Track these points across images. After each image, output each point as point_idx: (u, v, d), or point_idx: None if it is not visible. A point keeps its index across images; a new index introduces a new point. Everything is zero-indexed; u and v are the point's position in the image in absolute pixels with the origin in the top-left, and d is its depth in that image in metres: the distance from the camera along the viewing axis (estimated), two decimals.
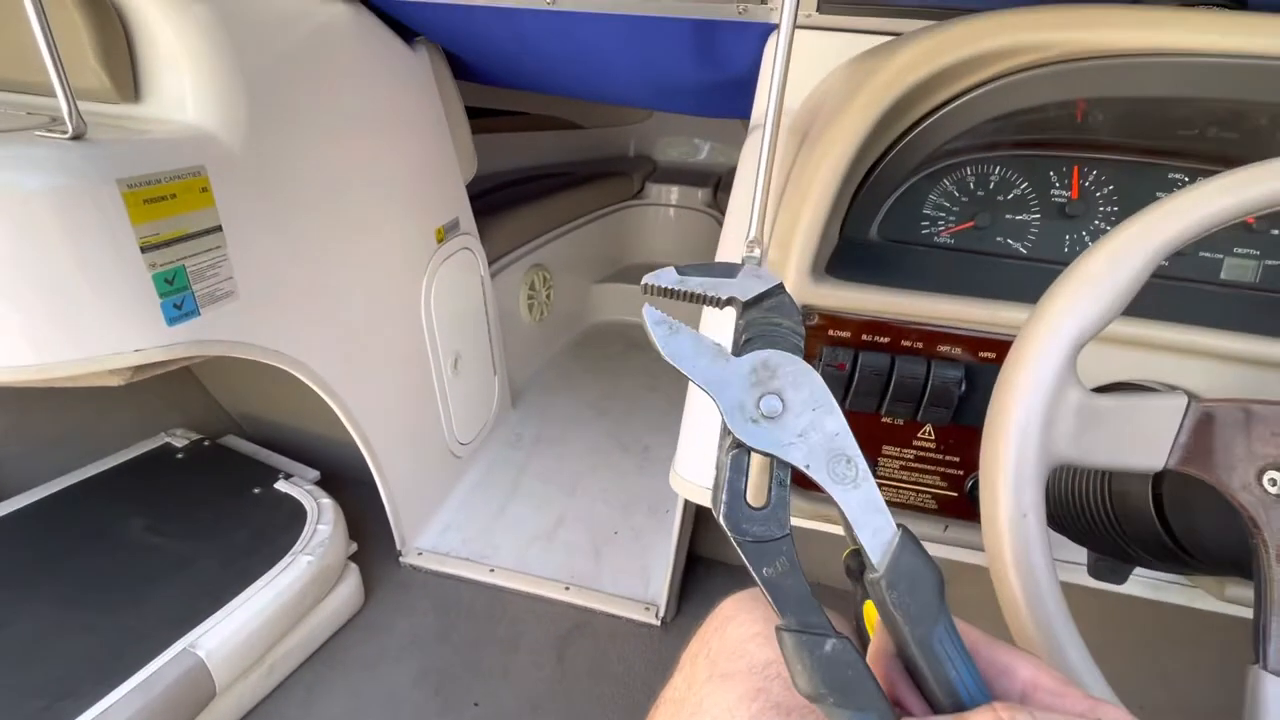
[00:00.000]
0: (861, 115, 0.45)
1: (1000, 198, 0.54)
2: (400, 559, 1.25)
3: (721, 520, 0.23)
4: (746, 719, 0.31)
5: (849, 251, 0.52)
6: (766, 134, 0.46)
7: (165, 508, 1.06)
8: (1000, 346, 0.45)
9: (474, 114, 1.41)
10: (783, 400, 0.24)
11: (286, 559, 0.99)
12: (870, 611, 0.32)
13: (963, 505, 0.49)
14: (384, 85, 1.08)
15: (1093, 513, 0.40)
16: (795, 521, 0.57)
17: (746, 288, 0.26)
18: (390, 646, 1.10)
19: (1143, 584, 0.52)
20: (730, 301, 0.27)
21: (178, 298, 0.70)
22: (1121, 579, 0.46)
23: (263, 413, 1.43)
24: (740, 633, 0.38)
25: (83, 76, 0.69)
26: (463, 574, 1.23)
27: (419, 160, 1.20)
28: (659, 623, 1.15)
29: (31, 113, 0.71)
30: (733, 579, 1.27)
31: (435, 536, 1.31)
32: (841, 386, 0.46)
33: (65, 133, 0.62)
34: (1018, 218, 0.54)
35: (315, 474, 1.22)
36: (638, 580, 1.23)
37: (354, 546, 1.17)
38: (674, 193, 2.39)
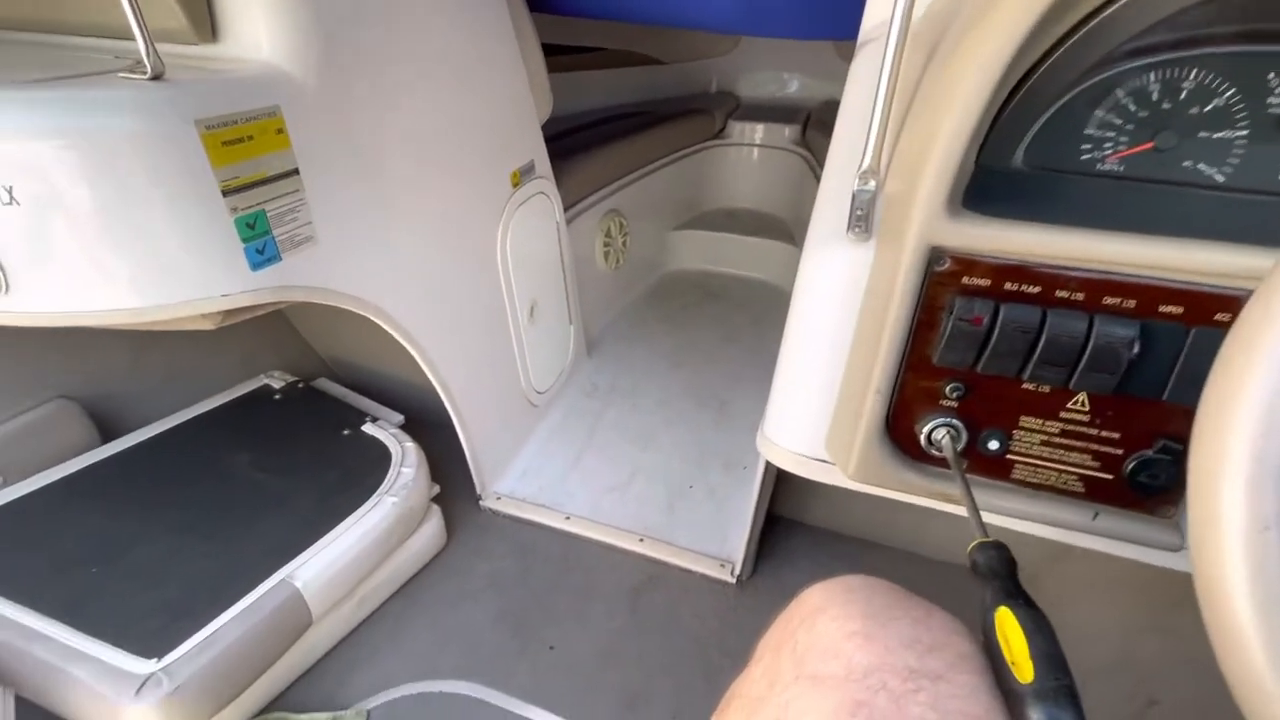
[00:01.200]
0: (1024, 5, 0.36)
1: (1193, 110, 0.43)
2: (480, 503, 1.28)
3: None
4: None
5: (987, 182, 0.43)
6: (892, 39, 0.38)
7: (265, 445, 1.12)
8: (1190, 299, 0.36)
9: (549, 51, 1.34)
10: None
11: (373, 499, 1.02)
12: (1003, 619, 0.26)
13: (1119, 490, 0.41)
14: (459, 21, 1.03)
15: None
16: (908, 498, 0.51)
17: None
18: (470, 587, 1.13)
19: None
20: None
21: (259, 243, 0.70)
22: None
23: (351, 357, 1.48)
24: (834, 629, 0.32)
25: (161, 17, 0.68)
26: (539, 520, 1.25)
27: (494, 100, 1.15)
28: (734, 580, 1.13)
29: (119, 57, 0.72)
30: (813, 541, 1.22)
31: (513, 482, 1.33)
32: (975, 346, 0.39)
33: (145, 74, 0.61)
34: (1216, 136, 0.42)
35: (400, 418, 1.25)
36: (713, 536, 1.20)
37: (436, 489, 1.20)
38: (759, 131, 2.23)
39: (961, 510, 0.43)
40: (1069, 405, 0.40)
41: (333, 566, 0.92)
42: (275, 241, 0.72)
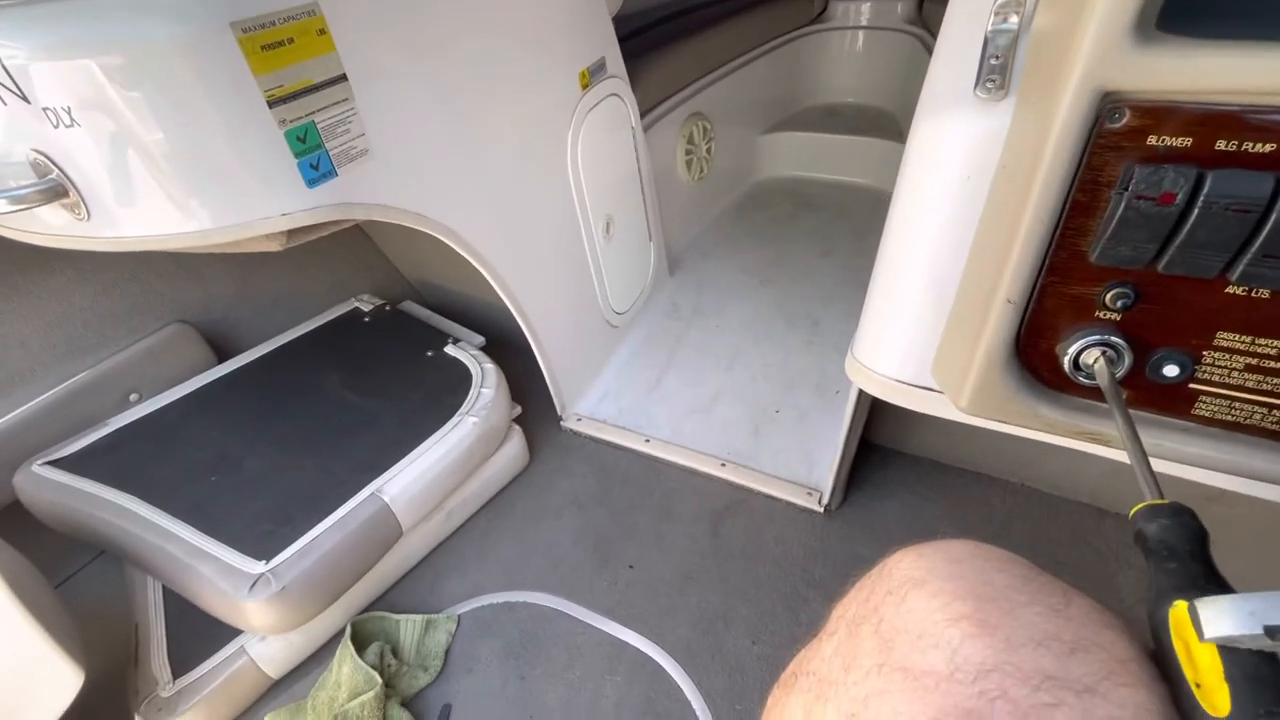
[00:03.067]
0: None
1: None
2: (561, 423, 1.28)
3: None
4: None
5: (1189, 2, 0.30)
6: None
7: (354, 367, 1.16)
8: None
9: None
10: None
11: (455, 418, 1.04)
12: (1184, 620, 0.18)
13: None
14: None
15: None
16: (1043, 436, 0.41)
17: None
18: (552, 504, 1.15)
19: None
20: None
21: (313, 157, 0.67)
22: None
23: (434, 279, 1.49)
24: (934, 609, 0.24)
25: None
26: (619, 442, 1.23)
27: None
28: (822, 509, 1.07)
29: None
30: (911, 470, 1.12)
31: (593, 404, 1.32)
32: (1160, 235, 0.28)
33: None
34: None
35: (481, 339, 1.26)
36: (800, 463, 1.14)
37: (518, 409, 1.21)
38: (865, 10, 1.95)
39: (1112, 452, 0.34)
40: None
41: (418, 482, 0.95)
42: (329, 156, 0.69)
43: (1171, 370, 0.31)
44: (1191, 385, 0.31)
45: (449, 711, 0.88)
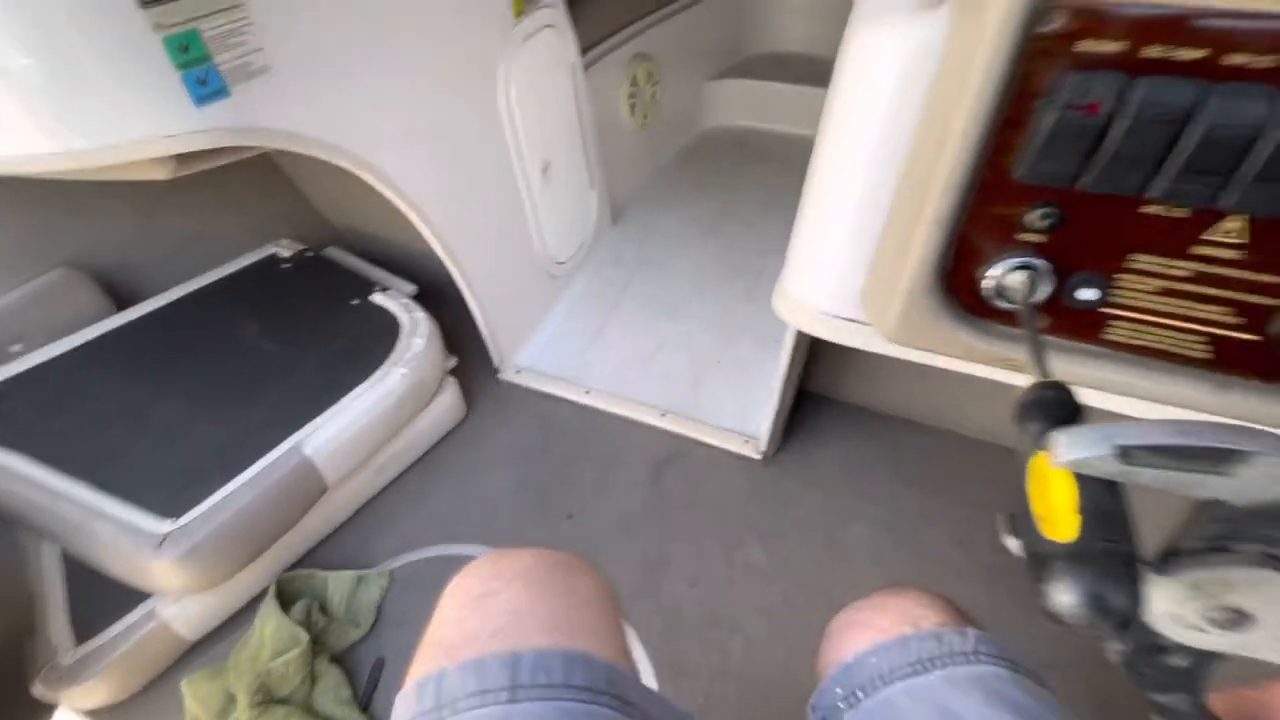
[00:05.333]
0: None
1: None
2: (498, 375, 1.25)
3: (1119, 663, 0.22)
4: None
5: None
6: None
7: (272, 315, 1.08)
8: None
9: None
10: (1248, 615, 0.19)
11: (382, 369, 0.99)
12: (1043, 465, 0.19)
13: (1262, 356, 0.30)
14: None
15: None
16: (964, 366, 0.41)
17: (1252, 488, 0.17)
18: (490, 457, 1.12)
19: None
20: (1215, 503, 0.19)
21: (199, 70, 0.60)
22: None
23: (362, 224, 1.40)
24: (907, 603, 0.44)
25: None
26: (559, 393, 1.21)
27: None
28: (760, 457, 1.08)
29: None
30: (846, 418, 1.14)
31: (533, 355, 1.28)
32: (1086, 147, 0.27)
33: None
34: None
35: (412, 288, 1.19)
36: (738, 412, 1.14)
37: (453, 361, 1.16)
38: None
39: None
40: (1211, 235, 0.28)
41: (342, 435, 0.91)
42: (219, 71, 0.62)
43: (1087, 294, 0.31)
44: (1104, 309, 0.31)
45: (382, 665, 0.86)
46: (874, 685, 0.37)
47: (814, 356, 1.13)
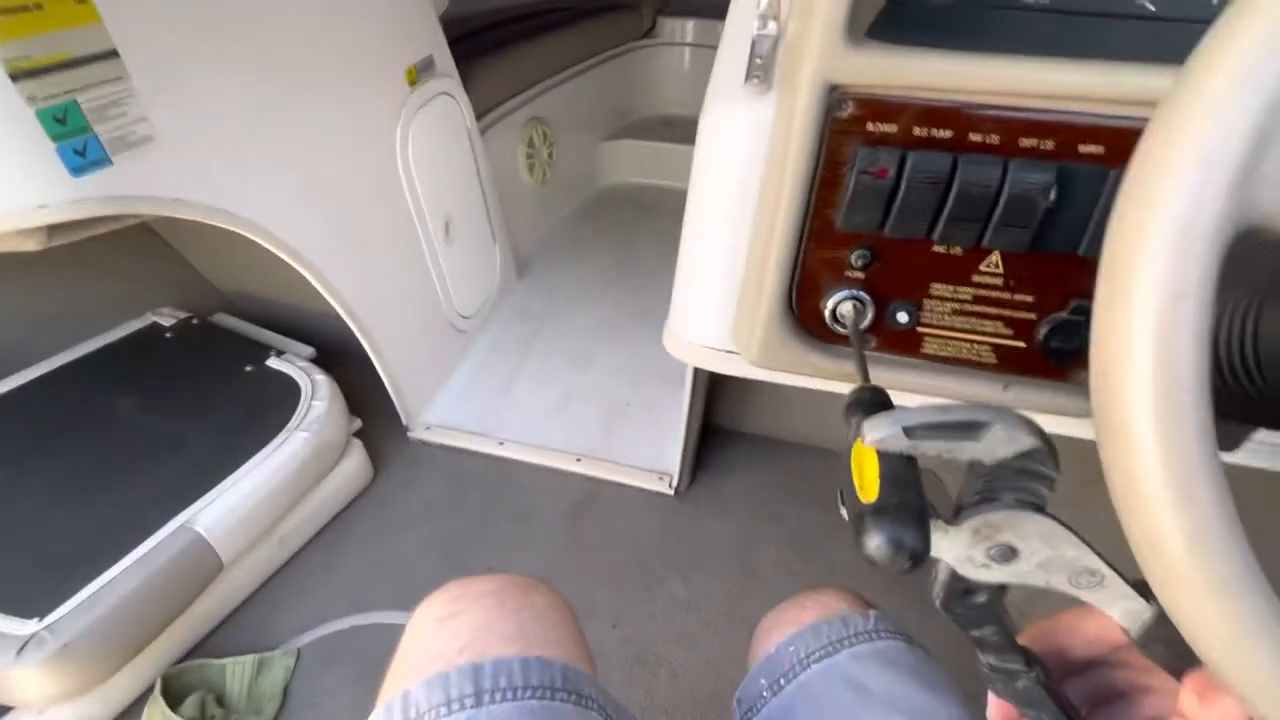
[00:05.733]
0: None
1: None
2: (408, 434, 1.23)
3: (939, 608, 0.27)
4: None
5: (898, 14, 0.37)
6: None
7: (155, 387, 1.02)
8: (1113, 136, 0.32)
9: None
10: (1014, 549, 0.25)
11: (282, 435, 0.95)
12: (861, 448, 0.24)
13: (1031, 358, 0.38)
14: None
15: (1224, 351, 0.29)
16: (816, 383, 0.48)
17: (994, 449, 0.24)
18: (401, 518, 1.09)
19: (1267, 452, 0.42)
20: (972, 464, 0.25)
21: (77, 142, 0.59)
22: (1234, 445, 0.35)
23: (255, 289, 1.36)
24: (828, 599, 0.51)
25: None
26: (472, 447, 1.20)
27: None
28: (673, 492, 1.12)
29: None
30: (752, 448, 1.22)
31: (443, 411, 1.27)
32: (882, 204, 0.34)
33: None
34: None
35: (310, 350, 1.16)
36: (651, 451, 1.19)
37: (357, 423, 1.14)
38: (690, 28, 2.09)
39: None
40: (981, 268, 0.36)
41: (240, 508, 0.86)
42: (100, 141, 0.61)
43: (903, 317, 0.38)
44: (919, 329, 0.39)
45: None
46: (793, 671, 0.42)
47: (718, 393, 1.20)
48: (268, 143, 0.82)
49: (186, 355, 1.09)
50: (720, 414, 1.24)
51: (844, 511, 0.25)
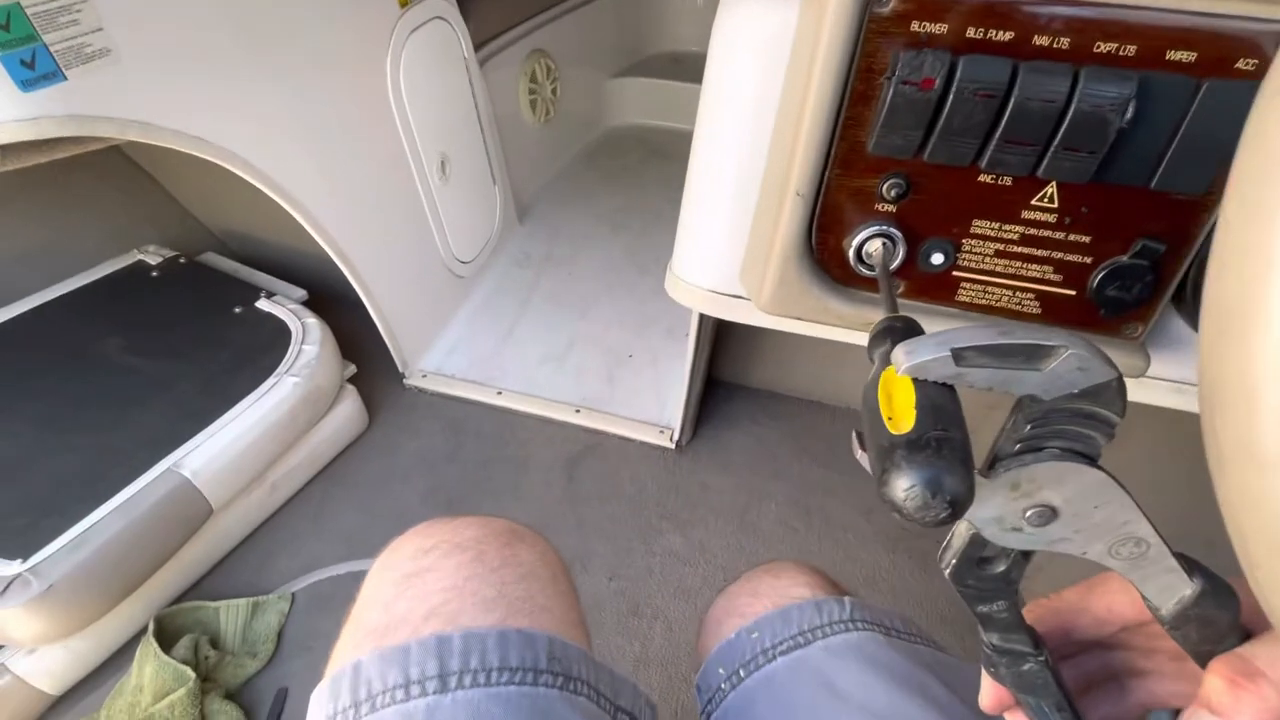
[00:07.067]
0: None
1: None
2: (404, 381, 1.20)
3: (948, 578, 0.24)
4: None
5: None
6: None
7: (140, 327, 0.98)
8: (1209, 42, 0.27)
9: None
10: (1055, 509, 0.21)
11: (271, 380, 0.92)
12: (890, 375, 0.20)
13: (1081, 308, 0.33)
14: None
15: None
16: (835, 333, 0.43)
17: (1058, 382, 0.19)
18: (398, 466, 1.08)
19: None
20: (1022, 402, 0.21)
21: (23, 51, 0.53)
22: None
23: (244, 228, 1.30)
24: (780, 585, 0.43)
25: None
26: (469, 396, 1.17)
27: None
28: (674, 446, 1.10)
29: None
30: (756, 403, 1.18)
31: (440, 358, 1.24)
32: (925, 119, 0.29)
33: None
34: None
35: (301, 293, 1.12)
36: (652, 404, 1.16)
37: (351, 368, 1.11)
38: None
39: None
40: (1033, 202, 0.31)
41: (228, 452, 0.84)
42: (50, 52, 0.55)
43: (937, 259, 0.33)
44: (954, 273, 0.34)
45: (285, 696, 0.81)
46: (756, 662, 0.37)
47: (723, 345, 1.16)
48: (245, 64, 0.75)
49: (173, 295, 1.05)
50: (724, 367, 1.20)
51: (860, 456, 0.21)
